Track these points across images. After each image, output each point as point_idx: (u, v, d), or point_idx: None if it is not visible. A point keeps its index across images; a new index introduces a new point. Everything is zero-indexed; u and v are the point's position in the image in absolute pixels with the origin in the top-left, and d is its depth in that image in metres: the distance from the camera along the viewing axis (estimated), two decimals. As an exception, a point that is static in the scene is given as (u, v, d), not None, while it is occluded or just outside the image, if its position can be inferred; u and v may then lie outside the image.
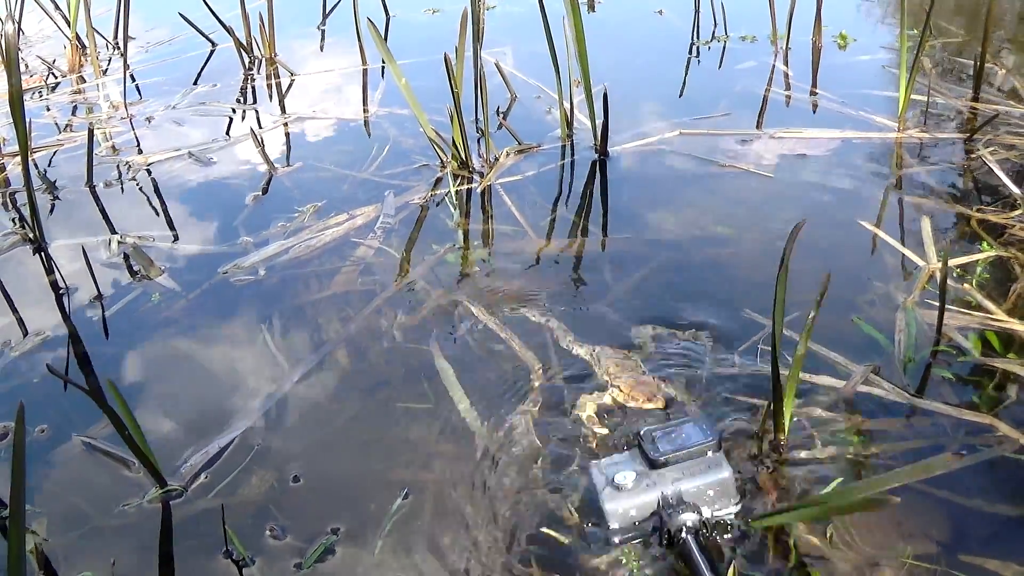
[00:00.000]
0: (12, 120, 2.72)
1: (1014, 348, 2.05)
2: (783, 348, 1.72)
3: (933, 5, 3.12)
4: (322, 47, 4.83)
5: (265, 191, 3.14)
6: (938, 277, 2.10)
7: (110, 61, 4.66)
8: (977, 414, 1.85)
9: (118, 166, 3.39)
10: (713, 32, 4.49)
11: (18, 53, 2.93)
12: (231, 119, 3.86)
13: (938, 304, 2.07)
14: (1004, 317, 2.15)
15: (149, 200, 3.16)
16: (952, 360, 2.03)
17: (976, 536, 1.61)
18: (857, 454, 1.78)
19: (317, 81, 4.28)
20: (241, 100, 4.08)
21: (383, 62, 3.47)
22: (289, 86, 4.22)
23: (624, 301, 2.35)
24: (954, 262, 2.36)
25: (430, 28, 4.92)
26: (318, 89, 4.17)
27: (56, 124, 3.89)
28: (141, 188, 3.25)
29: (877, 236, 2.58)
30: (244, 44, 4.42)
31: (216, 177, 3.28)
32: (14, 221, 3.03)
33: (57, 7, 4.75)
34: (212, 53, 4.67)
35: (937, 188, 2.85)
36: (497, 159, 3.22)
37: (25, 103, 2.96)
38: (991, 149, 3.01)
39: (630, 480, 1.55)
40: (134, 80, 4.36)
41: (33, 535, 1.72)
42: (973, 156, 3.00)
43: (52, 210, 3.12)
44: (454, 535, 1.67)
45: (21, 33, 4.80)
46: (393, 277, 2.54)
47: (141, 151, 3.54)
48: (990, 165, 2.90)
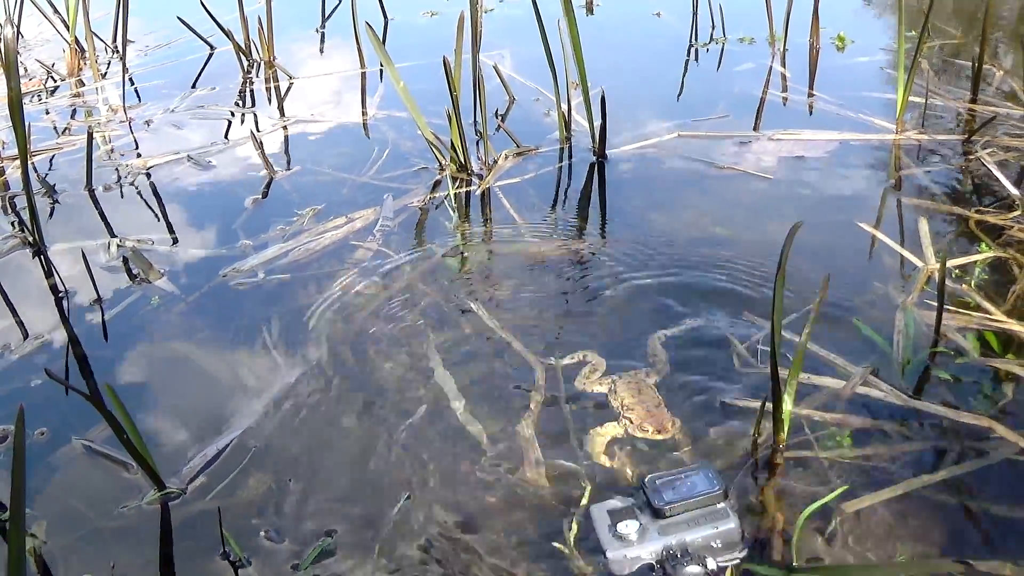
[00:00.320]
0: (11, 124, 2.73)
1: (1012, 349, 2.06)
2: (783, 349, 1.72)
3: (931, 7, 3.13)
4: (321, 50, 4.83)
5: (264, 194, 3.14)
6: (936, 278, 2.10)
7: (109, 65, 4.66)
8: (975, 416, 1.85)
9: (117, 169, 3.39)
10: (711, 34, 4.49)
11: (17, 57, 2.93)
12: (230, 122, 3.87)
13: (936, 305, 2.07)
14: (1002, 318, 2.15)
15: (148, 204, 3.17)
16: (950, 361, 2.03)
17: (976, 536, 1.62)
18: (855, 457, 1.78)
19: (316, 84, 4.28)
20: (240, 103, 4.09)
21: (381, 65, 3.47)
22: (288, 89, 4.23)
23: (623, 303, 2.35)
24: (952, 263, 2.36)
25: (428, 31, 4.93)
26: (317, 92, 4.17)
27: (55, 128, 3.89)
28: (140, 192, 3.25)
29: (876, 237, 2.58)
30: (243, 47, 4.42)
31: (215, 180, 3.29)
32: (14, 225, 3.03)
33: (56, 11, 4.75)
34: (211, 56, 4.67)
35: (935, 189, 2.85)
36: (496, 162, 3.22)
37: (24, 107, 2.97)
38: (989, 150, 3.01)
39: (633, 531, 1.52)
40: (133, 84, 4.36)
41: (33, 538, 1.72)
42: (971, 157, 3.00)
43: (51, 214, 3.12)
44: (454, 534, 1.67)
45: (20, 37, 4.80)
46: (392, 279, 2.54)
47: (140, 154, 3.54)
48: (988, 166, 2.91)
